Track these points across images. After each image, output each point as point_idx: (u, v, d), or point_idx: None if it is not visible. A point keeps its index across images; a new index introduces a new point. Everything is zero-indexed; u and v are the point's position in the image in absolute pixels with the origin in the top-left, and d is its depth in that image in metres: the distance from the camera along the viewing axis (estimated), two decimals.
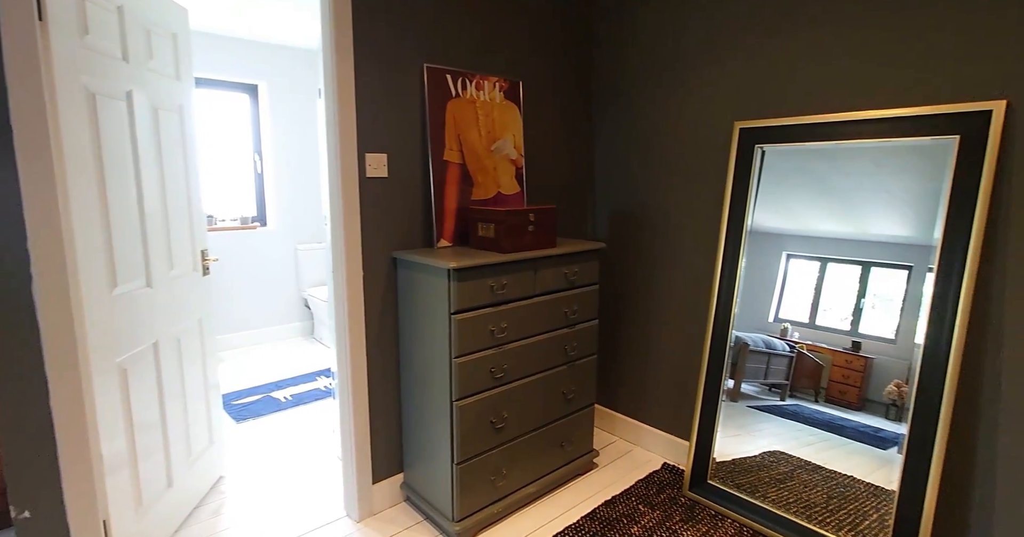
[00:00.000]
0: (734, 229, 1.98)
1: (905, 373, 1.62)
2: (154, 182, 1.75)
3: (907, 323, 1.61)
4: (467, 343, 1.71)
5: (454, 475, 1.74)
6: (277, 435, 2.58)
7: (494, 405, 1.81)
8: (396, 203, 1.92)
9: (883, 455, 1.65)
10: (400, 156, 1.91)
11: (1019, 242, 1.45)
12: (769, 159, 1.93)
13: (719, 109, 2.05)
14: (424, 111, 1.96)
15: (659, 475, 2.18)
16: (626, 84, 2.36)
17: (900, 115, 1.61)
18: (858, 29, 1.68)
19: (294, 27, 3.55)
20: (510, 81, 2.20)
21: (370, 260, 1.87)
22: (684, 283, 2.22)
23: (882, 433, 1.66)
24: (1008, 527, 1.51)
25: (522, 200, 2.27)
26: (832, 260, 1.77)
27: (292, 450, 2.43)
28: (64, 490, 1.35)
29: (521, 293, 1.85)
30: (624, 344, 2.49)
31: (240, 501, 2.03)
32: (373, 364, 1.91)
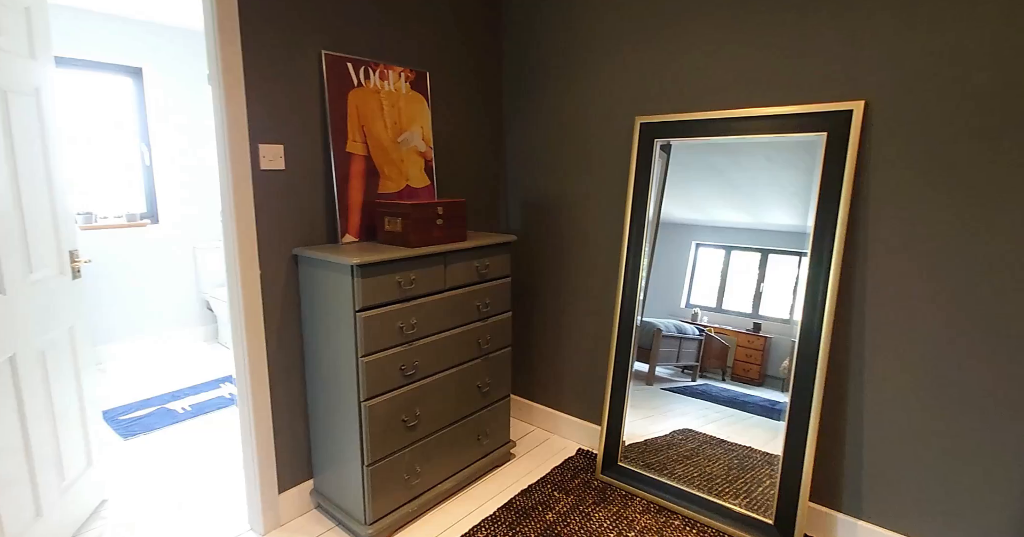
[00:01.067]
0: (637, 219, 2.07)
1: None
2: (3, 175, 1.54)
3: (798, 304, 1.76)
4: (374, 341, 1.66)
5: (365, 477, 1.69)
6: (173, 450, 2.38)
7: (406, 403, 1.78)
8: (296, 197, 1.82)
9: (776, 425, 1.79)
10: (299, 147, 1.81)
11: (878, 229, 1.62)
12: (676, 154, 2.02)
13: (622, 104, 2.12)
14: (324, 100, 1.87)
15: (574, 461, 2.24)
16: (535, 77, 2.39)
17: (778, 113, 1.74)
18: (744, 31, 1.79)
19: (181, 5, 3.26)
20: (416, 71, 2.15)
21: (268, 258, 1.76)
22: (594, 273, 2.29)
23: (777, 406, 1.80)
24: (876, 481, 1.69)
25: (432, 193, 2.23)
26: (735, 248, 1.89)
27: (190, 465, 2.26)
28: None
29: (431, 288, 1.83)
30: (539, 335, 2.53)
31: (127, 525, 1.86)
32: (275, 367, 1.81)
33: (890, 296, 1.61)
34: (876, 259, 1.63)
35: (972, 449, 1.51)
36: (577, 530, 1.80)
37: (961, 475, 1.54)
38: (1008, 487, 1.47)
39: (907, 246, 1.57)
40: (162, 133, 3.72)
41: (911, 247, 1.56)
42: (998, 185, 1.42)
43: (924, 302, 1.55)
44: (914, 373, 1.59)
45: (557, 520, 1.85)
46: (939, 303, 1.53)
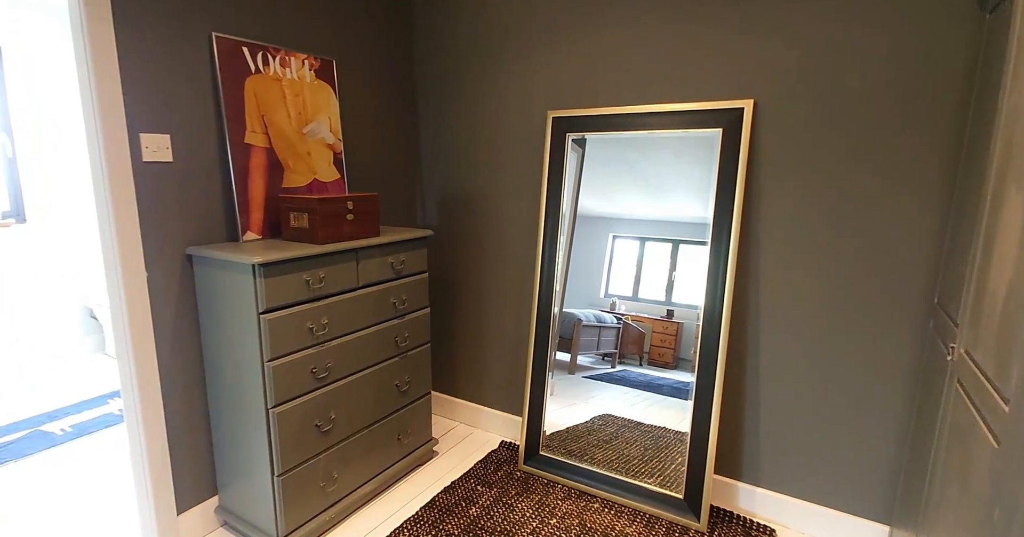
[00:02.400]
0: (552, 212, 2.10)
1: None
2: None
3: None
4: (282, 344, 1.57)
5: (276, 488, 1.60)
6: (51, 477, 2.12)
7: (319, 407, 1.70)
8: (188, 192, 1.67)
9: (687, 405, 1.90)
10: (189, 137, 1.67)
11: (768, 220, 1.75)
12: (591, 149, 2.07)
13: (536, 98, 2.14)
14: (217, 87, 1.73)
15: (497, 454, 2.26)
16: (449, 70, 2.35)
17: (680, 109, 1.83)
18: (653, 32, 1.87)
19: None
20: (322, 59, 2.04)
21: (157, 259, 1.61)
22: (512, 266, 2.31)
23: (688, 387, 1.91)
24: (770, 450, 1.84)
25: (343, 187, 2.14)
26: (649, 239, 1.98)
27: (73, 493, 2.02)
28: None
29: (343, 286, 1.75)
30: (458, 330, 2.51)
31: None
32: (170, 378, 1.66)
33: (778, 282, 1.76)
34: (767, 248, 1.76)
35: (846, 413, 1.69)
36: (501, 522, 1.82)
37: (839, 436, 1.71)
38: (877, 443, 1.66)
39: (790, 237, 1.72)
40: (29, 122, 3.28)
41: (794, 238, 1.71)
42: (864, 186, 1.58)
43: (805, 287, 1.71)
44: (798, 349, 1.74)
45: (480, 514, 1.86)
46: (816, 289, 1.69)
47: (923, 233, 1.52)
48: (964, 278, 1.18)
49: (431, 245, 2.53)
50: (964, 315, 1.13)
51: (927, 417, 1.34)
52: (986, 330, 0.98)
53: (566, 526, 1.80)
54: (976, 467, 0.93)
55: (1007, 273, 0.91)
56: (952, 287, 1.29)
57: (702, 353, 1.81)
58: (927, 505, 1.21)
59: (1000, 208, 0.99)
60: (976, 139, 1.27)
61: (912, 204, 1.53)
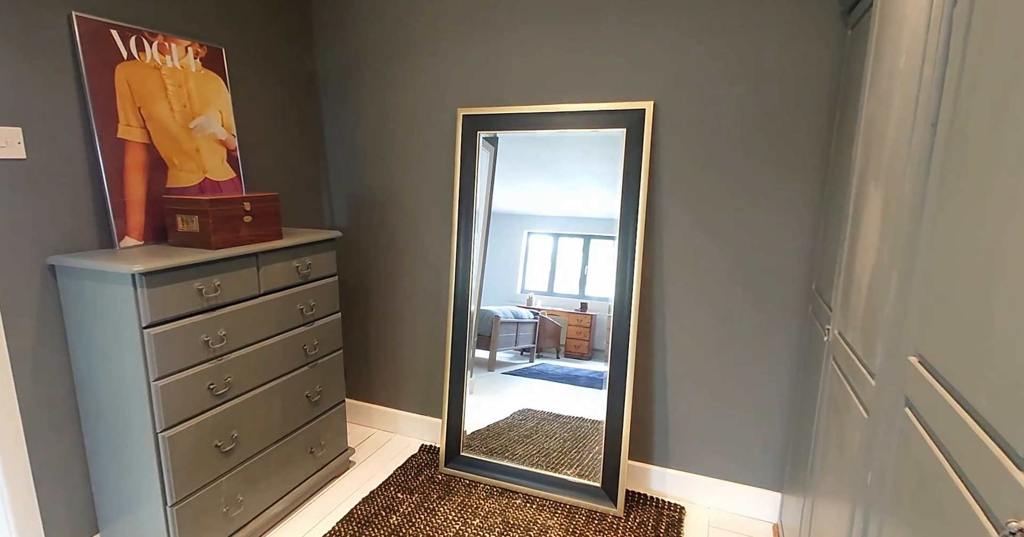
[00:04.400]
0: (465, 210, 2.08)
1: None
2: None
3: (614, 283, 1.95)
4: (171, 361, 1.42)
5: (170, 519, 1.45)
6: None
7: (218, 426, 1.56)
8: (47, 193, 1.47)
9: (602, 394, 1.97)
10: (45, 131, 1.46)
11: (669, 215, 1.85)
12: (503, 147, 2.07)
13: (445, 96, 2.11)
14: (81, 75, 1.53)
15: (417, 458, 2.21)
16: (354, 62, 2.25)
17: (588, 109, 1.89)
18: (561, 31, 1.90)
19: None
20: (209, 47, 1.87)
21: (9, 270, 1.39)
22: (426, 266, 2.26)
23: (603, 376, 1.98)
24: (676, 432, 1.96)
25: (239, 187, 1.98)
26: (562, 235, 2.02)
27: None
28: None
29: (242, 294, 1.62)
30: (372, 333, 2.43)
31: None
32: (32, 409, 1.45)
33: (679, 275, 1.87)
34: (668, 242, 1.87)
35: (741, 394, 1.84)
36: (423, 528, 1.78)
37: (735, 416, 1.86)
38: (768, 420, 1.82)
39: (688, 231, 1.83)
40: None
41: (690, 232, 1.83)
42: (751, 183, 1.72)
43: (702, 279, 1.83)
44: (697, 337, 1.87)
45: (402, 522, 1.81)
46: (711, 280, 1.82)
47: (801, 226, 1.68)
48: (835, 266, 1.31)
49: (340, 247, 2.42)
50: (836, 300, 1.26)
51: (809, 393, 1.48)
52: (854, 313, 1.10)
53: (489, 525, 1.80)
54: (850, 436, 1.04)
55: (870, 261, 1.02)
56: (826, 275, 1.44)
57: (614, 344, 1.88)
58: (812, 472, 1.34)
59: (863, 203, 1.12)
60: (841, 141, 1.43)
61: (791, 200, 1.68)
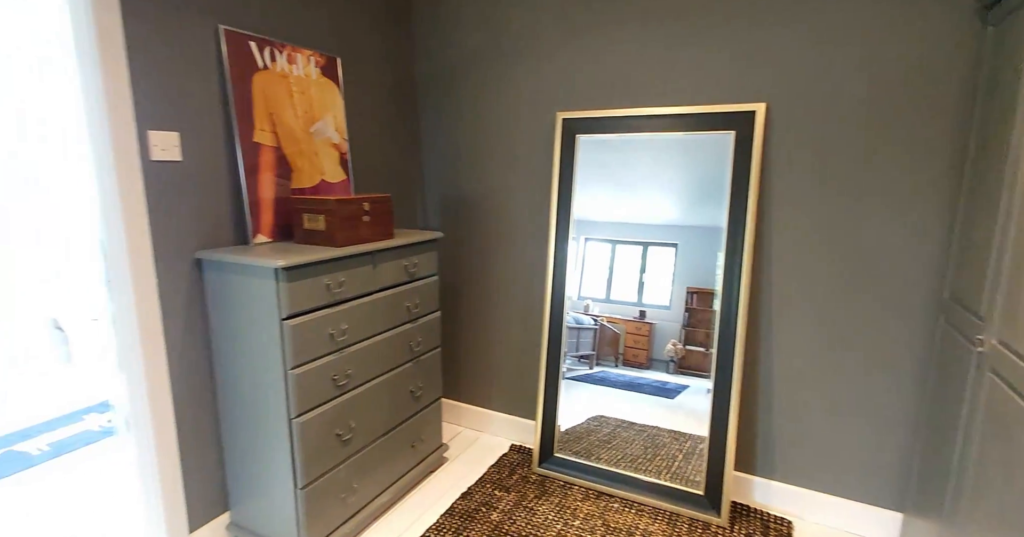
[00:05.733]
0: (563, 214, 2.10)
1: (678, 333, 1.95)
2: None
3: (677, 291, 1.94)
4: (304, 351, 1.51)
5: (299, 501, 1.53)
6: (30, 501, 1.96)
7: (339, 415, 1.64)
8: (197, 193, 1.59)
9: (671, 404, 1.96)
10: (198, 135, 1.58)
11: (780, 221, 1.81)
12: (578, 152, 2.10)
13: (544, 99, 2.14)
14: (225, 83, 1.65)
15: (508, 457, 2.23)
16: (453, 69, 2.32)
17: (691, 112, 1.87)
18: (664, 34, 1.90)
19: None
20: (327, 56, 1.98)
21: (165, 264, 1.52)
22: (519, 268, 2.29)
23: (668, 385, 1.96)
24: (783, 445, 1.90)
25: (348, 188, 2.08)
26: (620, 242, 2.02)
27: (54, 515, 1.88)
28: None
29: (361, 290, 1.70)
30: (464, 333, 2.48)
31: None
32: (180, 391, 1.57)
33: (790, 283, 1.81)
34: (778, 250, 1.82)
35: (856, 407, 1.76)
36: (524, 526, 1.80)
37: (850, 429, 1.78)
38: (887, 434, 1.73)
39: (801, 239, 1.77)
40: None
41: (804, 240, 1.77)
42: (872, 189, 1.65)
43: (815, 288, 1.77)
44: (809, 348, 1.80)
45: (503, 519, 1.83)
46: (826, 289, 1.75)
47: (928, 233, 1.60)
48: (986, 274, 1.24)
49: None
50: (991, 308, 1.19)
51: (948, 408, 1.40)
52: None
53: (590, 527, 1.80)
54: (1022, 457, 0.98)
55: None
56: (968, 283, 1.37)
57: (719, 354, 1.84)
58: (957, 496, 1.27)
59: None
60: (987, 143, 1.35)
61: (918, 205, 1.60)
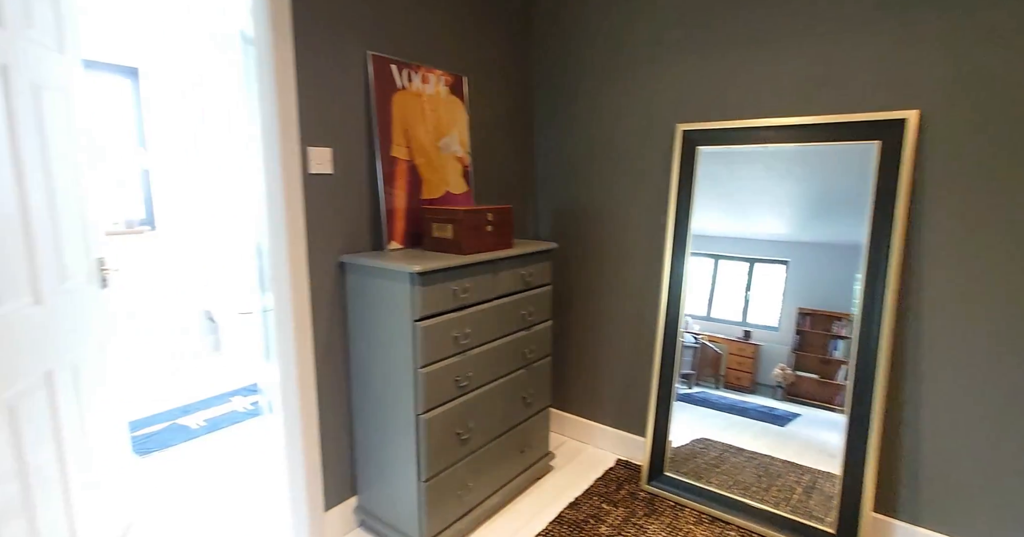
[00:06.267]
0: (680, 229, 2.06)
1: (787, 357, 1.82)
2: (37, 177, 1.44)
3: (787, 312, 1.82)
4: (432, 351, 1.60)
5: (421, 493, 1.63)
6: (193, 467, 2.26)
7: (459, 415, 1.72)
8: (342, 202, 1.76)
9: (783, 432, 1.83)
10: (346, 151, 1.75)
11: (933, 241, 1.63)
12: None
13: (662, 110, 2.12)
14: (370, 103, 1.81)
15: (615, 472, 2.20)
16: (569, 82, 2.37)
17: (828, 122, 1.75)
18: (798, 39, 1.81)
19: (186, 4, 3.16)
20: (455, 75, 2.11)
21: (316, 265, 1.69)
22: (632, 281, 2.27)
23: (776, 412, 1.84)
24: (932, 487, 1.70)
25: (470, 199, 2.19)
26: (723, 257, 1.92)
27: (215, 483, 2.14)
28: None
29: (483, 296, 1.78)
30: (573, 344, 2.49)
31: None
32: (322, 379, 1.73)
33: (945, 306, 1.63)
34: (931, 267, 1.64)
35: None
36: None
37: (1016, 479, 1.55)
38: None
39: (962, 259, 1.59)
40: (159, 136, 3.58)
41: (966, 260, 1.58)
42: None
43: (979, 311, 1.57)
44: (966, 379, 1.60)
45: (612, 534, 1.81)
46: (992, 312, 1.55)
47: None
48: None
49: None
50: None
51: None
52: None
53: None
54: None
55: None
56: None
57: (856, 386, 1.70)
58: None
59: None
60: None
61: None
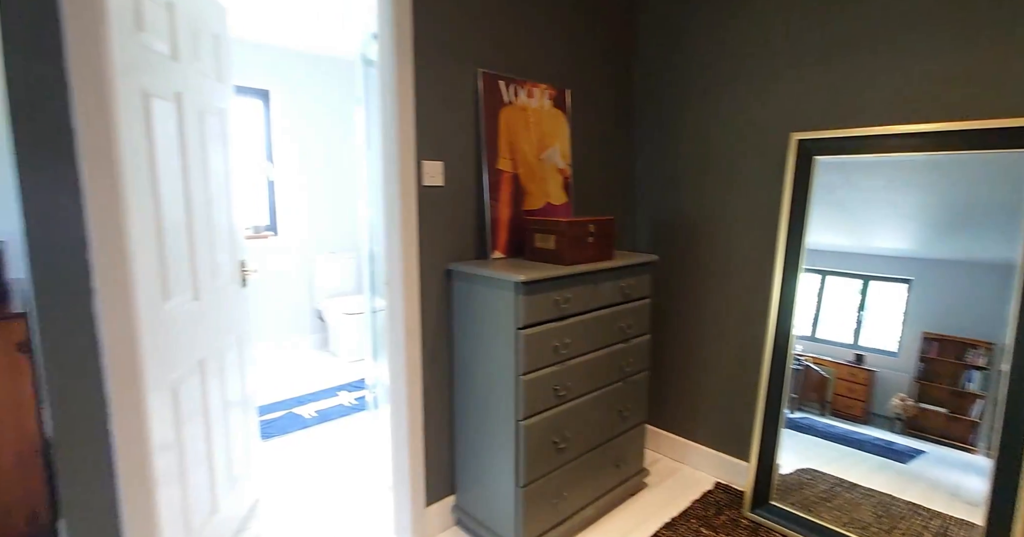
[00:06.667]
0: (793, 243, 1.94)
1: (907, 386, 1.64)
2: (200, 188, 1.66)
3: (909, 336, 1.63)
4: (533, 359, 1.64)
5: (518, 498, 1.66)
6: (307, 454, 2.46)
7: (556, 424, 1.74)
8: (451, 213, 1.85)
9: (905, 469, 1.66)
10: (455, 164, 1.85)
11: None
12: None
13: (775, 119, 2.02)
14: (478, 118, 1.90)
15: (714, 495, 2.11)
16: (672, 93, 2.33)
17: (975, 128, 1.58)
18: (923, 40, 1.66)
19: (309, 33, 3.48)
20: (557, 88, 2.15)
21: (425, 272, 1.79)
22: (737, 298, 2.18)
23: (895, 446, 1.67)
24: None
25: (569, 210, 2.21)
26: (832, 273, 1.77)
27: (326, 470, 2.32)
28: (123, 520, 1.24)
29: (583, 307, 1.79)
30: (671, 360, 2.43)
31: (281, 526, 1.92)
32: (428, 379, 1.82)
33: None
34: None
35: None
36: None
37: None
38: None
39: None
40: (283, 151, 3.96)
41: None
42: None
43: None
44: None
45: None
46: None
47: None
48: None
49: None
50: None
51: None
52: None
53: None
54: None
55: None
56: None
57: (1006, 428, 1.50)
58: None
59: None
60: None
61: None
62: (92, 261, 1.17)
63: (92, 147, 1.17)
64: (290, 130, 3.97)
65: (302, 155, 4.05)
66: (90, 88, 1.16)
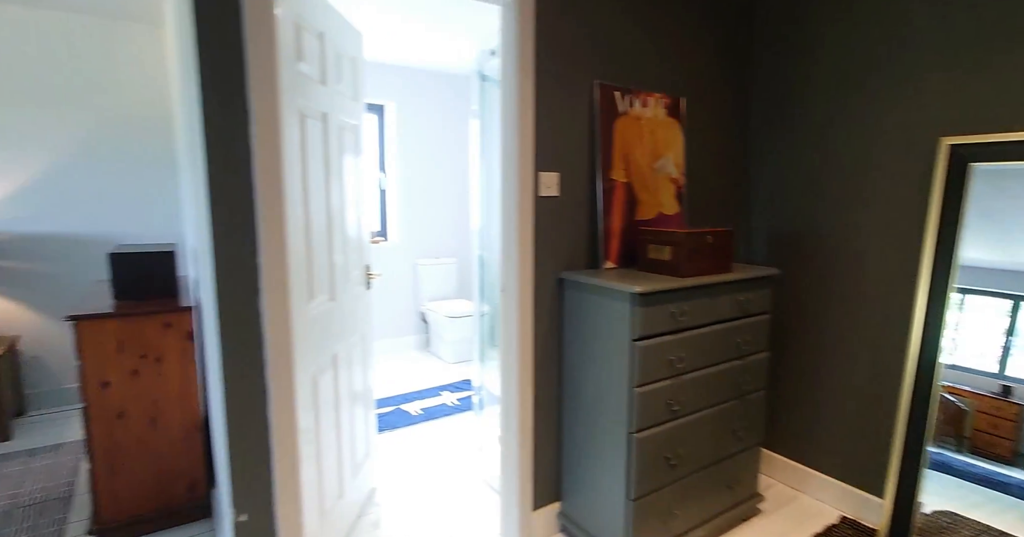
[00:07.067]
0: (942, 261, 1.76)
1: None
2: (337, 198, 1.82)
3: None
4: (647, 372, 1.62)
5: (628, 511, 1.64)
6: (415, 449, 2.59)
7: (669, 439, 1.70)
8: (565, 223, 1.88)
9: None
10: (570, 175, 1.88)
11: None
12: None
13: (917, 122, 1.84)
14: (593, 129, 1.92)
15: (840, 530, 1.95)
16: (793, 100, 2.20)
17: None
18: None
19: (422, 50, 3.68)
20: (672, 97, 2.11)
21: (539, 280, 1.83)
22: (865, 318, 2.00)
23: None
24: None
25: (682, 221, 2.16)
26: (974, 291, 1.56)
27: (434, 467, 2.43)
28: (276, 497, 1.39)
29: (699, 321, 1.74)
30: (790, 380, 2.28)
31: (395, 515, 2.04)
32: (538, 386, 1.86)
33: None
34: None
35: None
36: None
37: None
38: None
39: None
40: (395, 161, 4.22)
41: None
42: None
43: None
44: None
45: None
46: None
47: None
48: None
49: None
50: None
51: None
52: None
53: None
54: None
55: None
56: None
57: None
58: None
59: None
60: None
61: None
62: (260, 264, 1.33)
63: (265, 167, 1.33)
64: (401, 142, 4.23)
65: (411, 166, 4.29)
66: (265, 117, 1.33)
